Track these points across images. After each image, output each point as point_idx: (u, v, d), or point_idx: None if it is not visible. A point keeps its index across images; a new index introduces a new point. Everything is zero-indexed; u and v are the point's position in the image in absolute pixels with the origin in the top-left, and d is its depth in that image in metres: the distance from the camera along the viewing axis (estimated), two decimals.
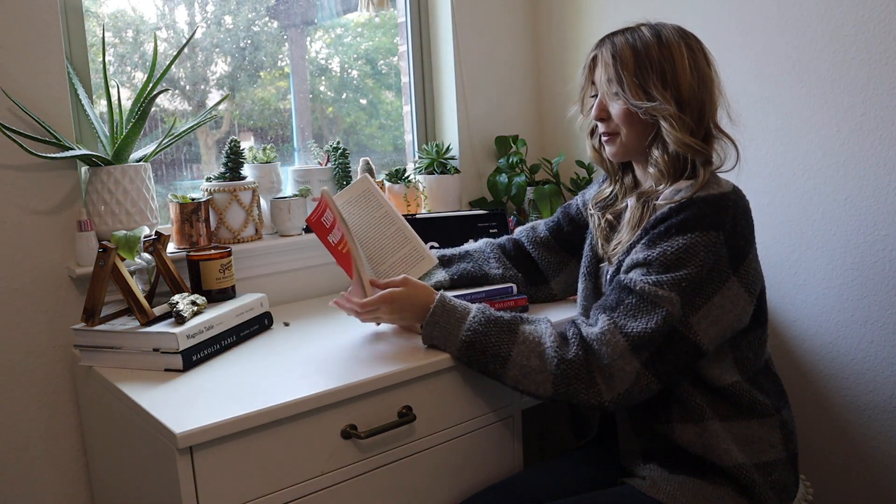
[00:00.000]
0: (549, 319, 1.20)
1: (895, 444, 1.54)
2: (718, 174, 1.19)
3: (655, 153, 1.20)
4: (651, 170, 1.21)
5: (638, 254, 1.14)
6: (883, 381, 1.54)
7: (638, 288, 1.10)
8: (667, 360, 1.10)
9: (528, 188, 1.97)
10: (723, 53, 1.25)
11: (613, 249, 1.25)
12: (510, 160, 2.00)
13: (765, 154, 1.64)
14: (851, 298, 1.56)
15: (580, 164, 2.01)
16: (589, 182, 1.98)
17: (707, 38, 1.24)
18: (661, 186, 1.19)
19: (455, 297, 1.32)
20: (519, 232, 1.54)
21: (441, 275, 1.45)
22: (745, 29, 1.66)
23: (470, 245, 1.54)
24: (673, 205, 1.12)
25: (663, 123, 1.16)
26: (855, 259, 1.54)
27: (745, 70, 1.65)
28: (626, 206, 1.30)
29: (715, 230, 1.09)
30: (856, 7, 1.47)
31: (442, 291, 1.25)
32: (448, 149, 1.99)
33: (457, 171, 1.98)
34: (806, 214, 1.61)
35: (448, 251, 1.50)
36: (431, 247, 1.76)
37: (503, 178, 2.00)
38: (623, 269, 1.16)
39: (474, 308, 1.21)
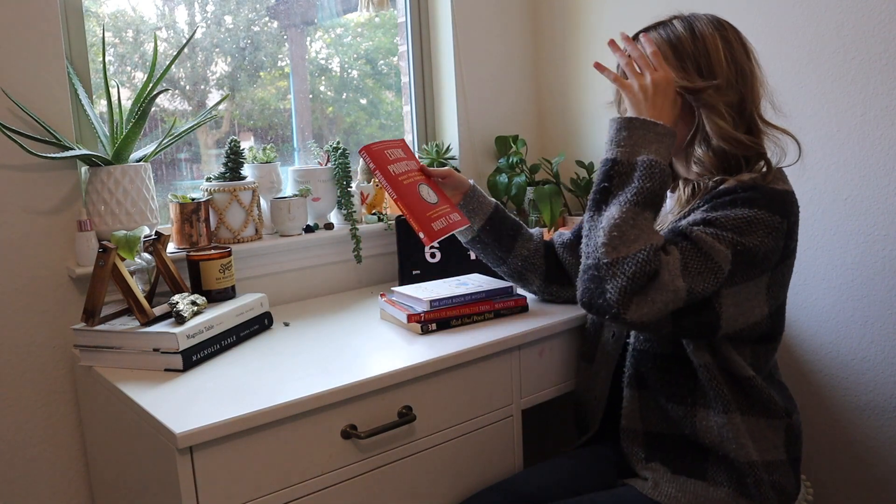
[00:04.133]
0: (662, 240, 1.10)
1: (895, 444, 1.54)
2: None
3: (699, 151, 1.16)
4: (695, 168, 1.18)
5: (697, 215, 1.10)
6: (883, 381, 1.53)
7: (694, 234, 1.06)
8: (687, 318, 1.07)
9: (528, 188, 1.97)
10: None
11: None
12: (510, 160, 2.00)
13: None
14: (851, 298, 1.56)
15: (580, 164, 2.01)
16: (588, 182, 1.98)
17: None
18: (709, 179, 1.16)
19: (458, 295, 1.33)
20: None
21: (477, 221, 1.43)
22: (743, 29, 1.66)
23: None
24: (741, 184, 1.09)
25: (709, 114, 1.13)
26: (855, 259, 1.54)
27: None
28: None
29: (781, 216, 1.07)
30: (856, 7, 1.47)
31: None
32: (448, 149, 1.99)
33: (457, 171, 1.97)
34: (806, 214, 1.60)
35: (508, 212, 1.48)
36: (432, 246, 1.76)
37: (503, 178, 2.00)
38: (679, 225, 1.12)
39: (668, 170, 1.12)
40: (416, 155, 2.05)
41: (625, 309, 1.03)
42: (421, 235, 1.25)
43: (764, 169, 1.13)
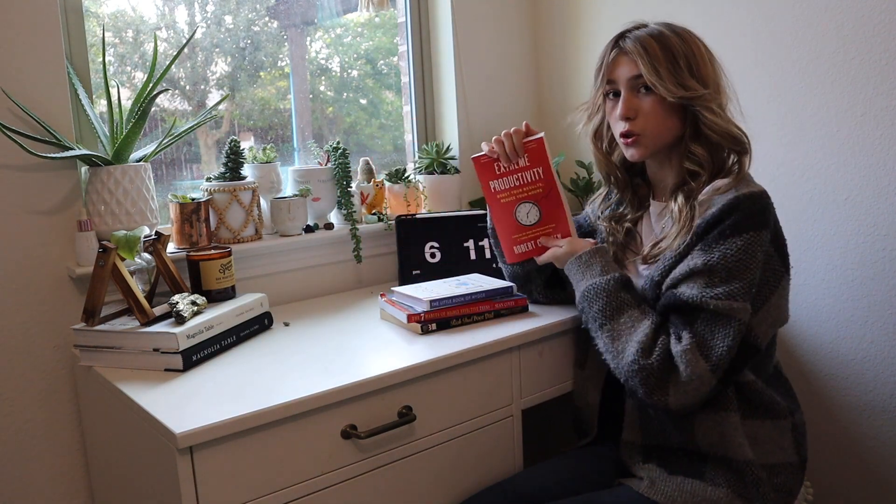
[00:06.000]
0: (656, 317, 1.16)
1: (895, 444, 1.54)
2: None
3: (695, 147, 1.19)
4: (687, 164, 1.20)
5: (695, 259, 1.12)
6: (883, 381, 1.53)
7: (712, 306, 1.09)
8: (732, 365, 1.11)
9: None
10: (722, 53, 1.25)
11: (654, 248, 1.22)
12: None
13: (765, 154, 1.64)
14: (851, 298, 1.56)
15: (580, 164, 2.01)
16: (588, 182, 1.98)
17: (706, 39, 1.24)
18: (699, 181, 1.19)
19: (458, 295, 1.33)
20: None
21: None
22: (743, 29, 1.66)
23: None
24: (723, 206, 1.11)
25: (704, 113, 1.16)
26: (855, 259, 1.54)
27: (744, 70, 1.65)
28: (647, 210, 1.30)
29: (765, 228, 1.11)
30: (855, 6, 1.47)
31: (604, 245, 1.29)
32: (448, 149, 1.99)
33: (457, 171, 1.98)
34: (806, 214, 1.60)
35: None
36: (432, 246, 1.76)
37: None
38: (678, 274, 1.14)
39: (609, 276, 1.21)
40: (415, 157, 2.05)
41: (664, 402, 1.11)
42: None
43: (736, 169, 1.17)
